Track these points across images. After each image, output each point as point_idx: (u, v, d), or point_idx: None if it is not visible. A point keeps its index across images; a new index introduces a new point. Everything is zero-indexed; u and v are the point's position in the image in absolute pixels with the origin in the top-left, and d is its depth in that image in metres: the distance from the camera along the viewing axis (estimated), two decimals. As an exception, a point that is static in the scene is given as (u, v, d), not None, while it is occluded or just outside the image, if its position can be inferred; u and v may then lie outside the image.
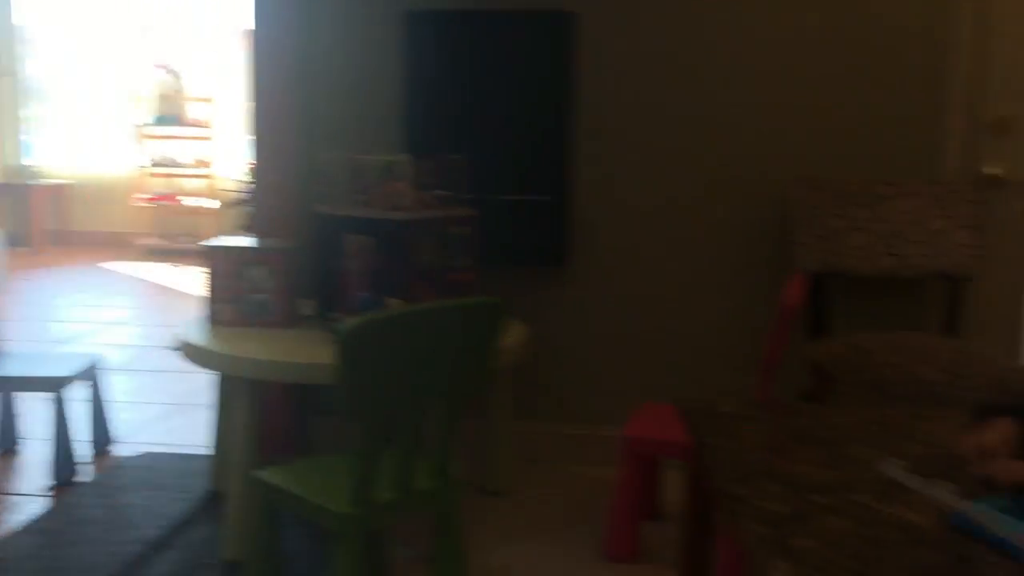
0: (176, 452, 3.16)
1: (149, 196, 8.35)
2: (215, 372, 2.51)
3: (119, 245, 8.33)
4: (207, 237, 6.60)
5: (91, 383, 3.15)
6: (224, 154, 8.35)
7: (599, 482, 2.74)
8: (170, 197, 8.36)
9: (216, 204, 8.20)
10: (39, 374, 2.93)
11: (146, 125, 8.34)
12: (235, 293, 2.55)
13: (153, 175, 8.42)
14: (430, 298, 2.46)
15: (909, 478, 1.41)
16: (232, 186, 7.86)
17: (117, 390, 3.85)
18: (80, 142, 8.69)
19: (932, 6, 2.83)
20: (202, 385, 3.80)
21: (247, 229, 4.43)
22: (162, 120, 8.35)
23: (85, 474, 2.95)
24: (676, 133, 2.93)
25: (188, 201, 8.35)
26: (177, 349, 2.48)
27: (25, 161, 8.59)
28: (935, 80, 2.85)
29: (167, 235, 8.31)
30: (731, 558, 2.14)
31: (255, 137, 2.97)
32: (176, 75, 8.41)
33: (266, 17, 2.92)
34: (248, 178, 4.50)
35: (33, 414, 3.36)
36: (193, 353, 2.40)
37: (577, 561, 2.37)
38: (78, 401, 3.31)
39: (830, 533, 1.29)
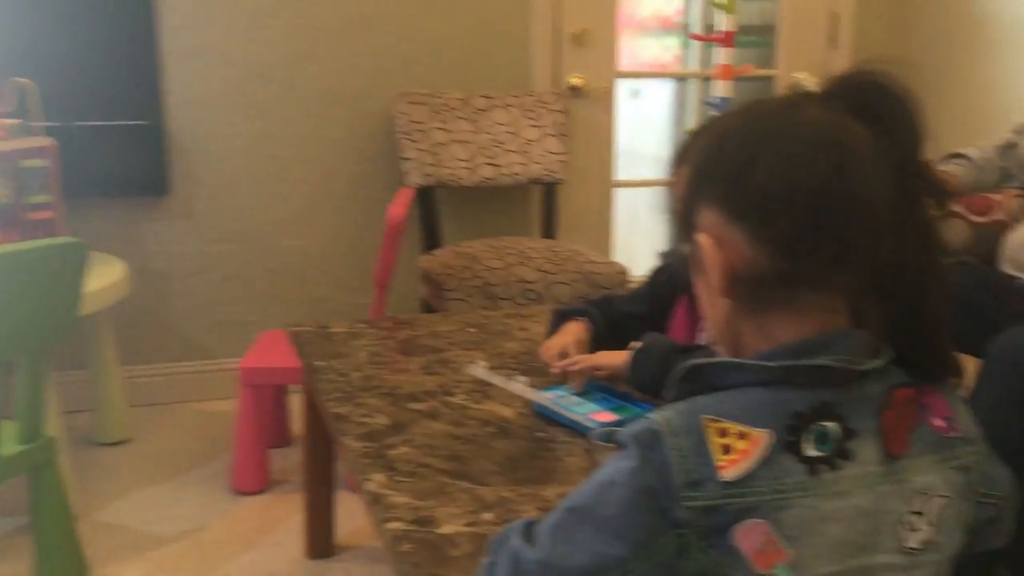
0: None
1: None
2: None
3: None
4: None
5: None
6: None
7: (226, 417, 2.65)
8: None
9: None
10: None
11: None
12: None
13: None
14: (4, 240, 2.18)
15: (492, 376, 1.50)
16: None
17: None
18: None
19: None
20: None
21: None
22: None
23: None
24: (275, 49, 2.82)
25: None
26: None
27: None
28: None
29: None
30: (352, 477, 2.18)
31: None
32: None
33: None
34: None
35: None
36: None
37: (204, 500, 2.29)
38: None
39: (427, 437, 1.35)
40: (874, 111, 0.79)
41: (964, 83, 3.00)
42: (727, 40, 2.88)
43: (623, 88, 3.22)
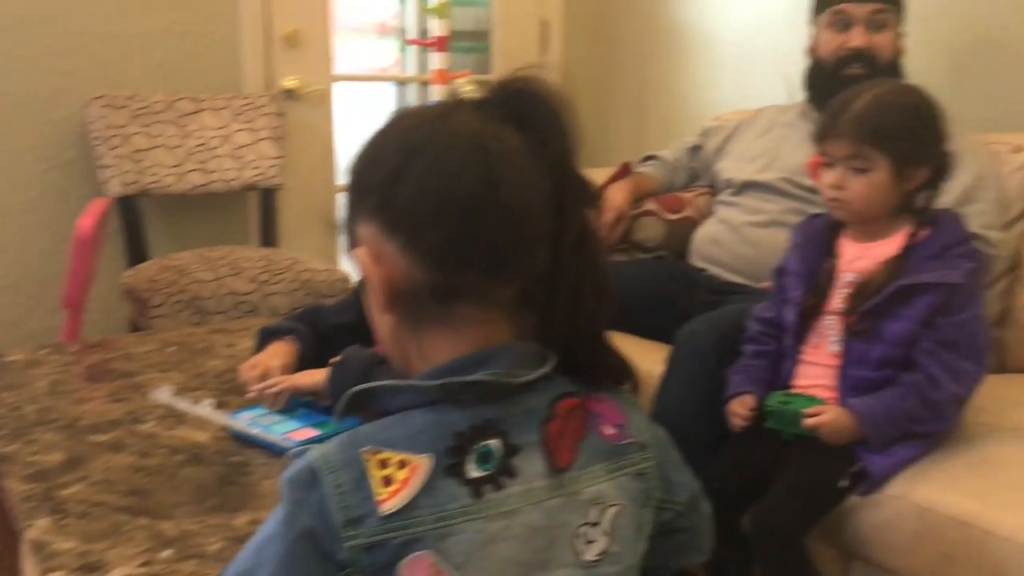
0: None
1: None
2: None
3: None
4: None
5: None
6: None
7: None
8: None
9: None
10: None
11: None
12: None
13: None
14: None
15: (177, 401, 1.41)
16: None
17: None
18: None
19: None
20: None
21: None
22: None
23: None
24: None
25: None
26: None
27: None
28: (230, -2, 2.87)
29: None
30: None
31: None
32: None
33: None
34: None
35: None
36: None
37: None
38: None
39: (106, 472, 1.24)
40: (527, 117, 0.78)
41: (664, 88, 3.21)
42: (441, 45, 2.91)
43: (344, 91, 3.17)
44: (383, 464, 0.71)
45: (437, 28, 2.91)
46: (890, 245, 1.47)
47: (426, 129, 0.77)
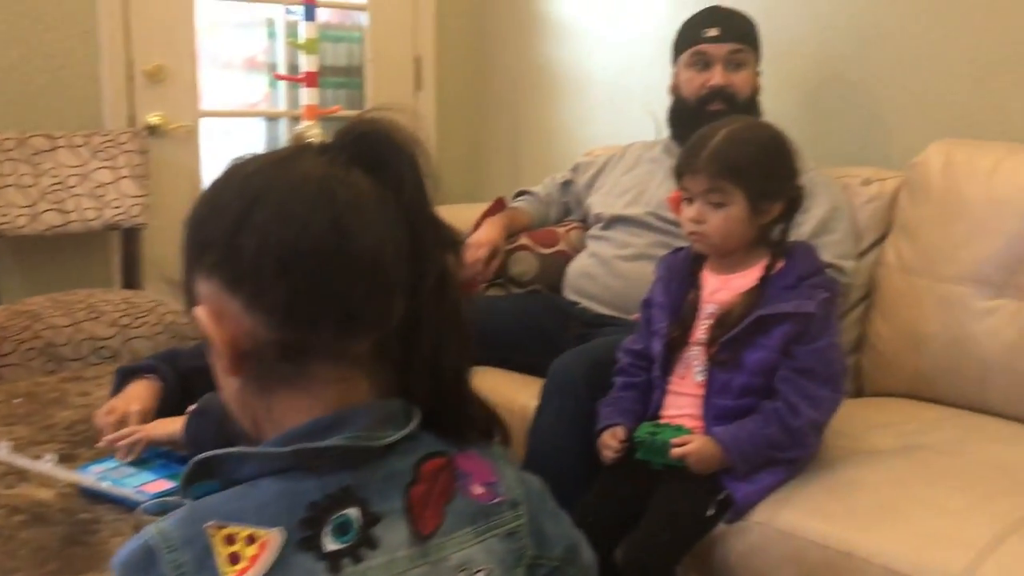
0: None
1: None
2: None
3: None
4: None
5: None
6: None
7: None
8: None
9: None
10: None
11: None
12: None
13: None
14: None
15: (15, 458, 1.33)
16: None
17: None
18: None
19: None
20: None
21: None
22: None
23: None
24: None
25: None
26: None
27: None
28: (89, 31, 2.76)
29: None
30: None
31: None
32: None
33: None
34: None
35: None
36: None
37: None
38: None
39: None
40: (376, 161, 0.74)
41: (538, 125, 3.25)
42: (311, 80, 2.87)
43: (212, 127, 3.08)
44: (230, 540, 0.66)
45: (307, 64, 2.86)
46: (748, 277, 1.51)
47: (267, 176, 0.73)
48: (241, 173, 0.75)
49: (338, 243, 0.70)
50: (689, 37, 2.13)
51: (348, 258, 0.70)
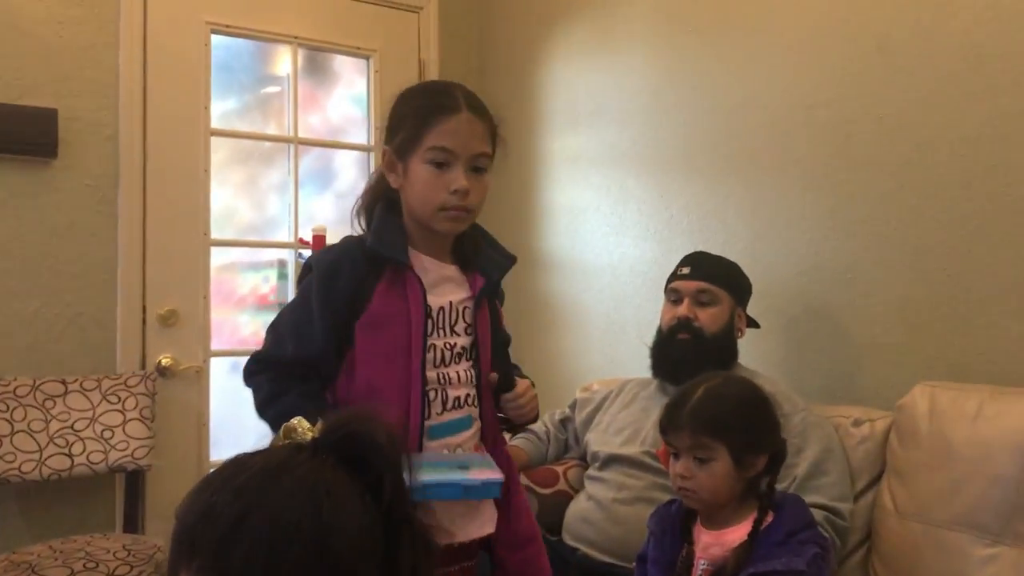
0: None
1: None
2: None
3: None
4: None
5: None
6: None
7: None
8: None
9: None
10: None
11: None
12: None
13: None
14: None
15: None
16: None
17: None
18: None
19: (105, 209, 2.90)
20: None
21: None
22: None
23: None
24: None
25: None
26: None
27: None
28: (108, 279, 2.90)
29: None
30: None
31: None
32: None
33: None
34: None
35: None
36: None
37: None
38: None
39: None
40: (360, 462, 0.80)
41: (535, 357, 3.32)
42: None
43: (221, 364, 3.16)
44: None
45: (315, 306, 2.97)
46: (739, 531, 1.51)
47: (263, 486, 0.78)
48: (236, 481, 0.79)
49: (319, 553, 0.74)
50: (670, 276, 2.26)
51: (326, 567, 0.74)
